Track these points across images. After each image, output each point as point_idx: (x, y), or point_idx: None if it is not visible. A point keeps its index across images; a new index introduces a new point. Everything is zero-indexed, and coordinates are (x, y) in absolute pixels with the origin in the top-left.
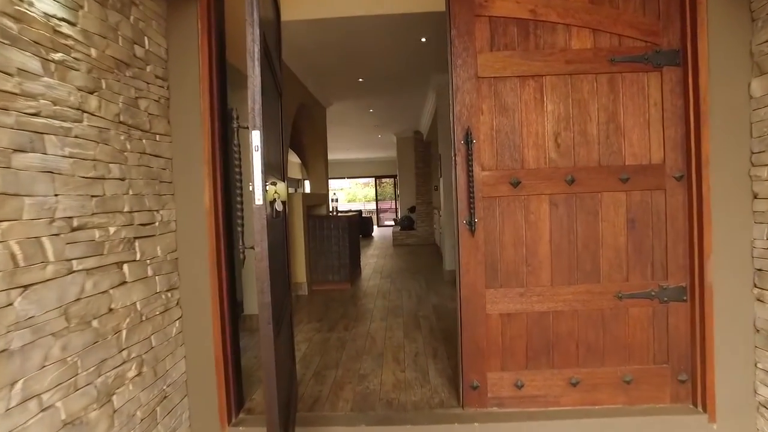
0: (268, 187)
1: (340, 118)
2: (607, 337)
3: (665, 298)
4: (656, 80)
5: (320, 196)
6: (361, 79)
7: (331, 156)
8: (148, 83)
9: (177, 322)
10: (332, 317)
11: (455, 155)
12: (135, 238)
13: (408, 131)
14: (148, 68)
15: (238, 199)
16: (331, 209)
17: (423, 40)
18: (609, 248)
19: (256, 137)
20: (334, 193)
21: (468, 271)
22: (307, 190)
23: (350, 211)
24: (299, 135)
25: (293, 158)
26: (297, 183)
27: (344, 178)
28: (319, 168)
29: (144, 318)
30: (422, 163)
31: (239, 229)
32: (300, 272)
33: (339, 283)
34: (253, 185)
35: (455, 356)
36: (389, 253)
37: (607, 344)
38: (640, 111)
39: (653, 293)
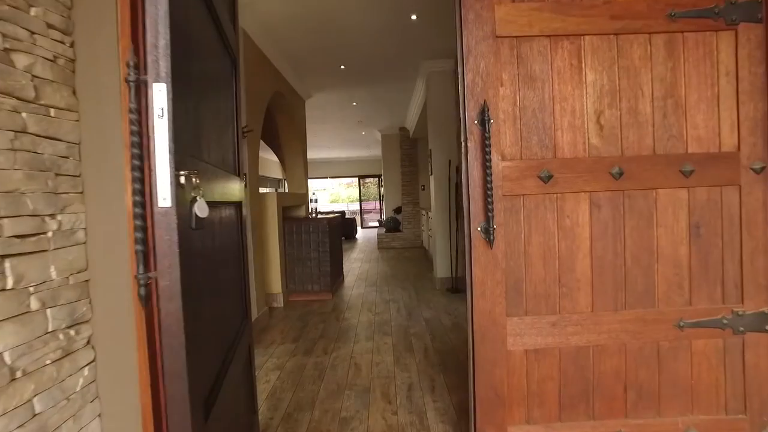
0: (183, 180)
1: (322, 112)
2: (663, 378)
3: (741, 328)
4: (729, 41)
5: (299, 197)
6: (343, 66)
7: (313, 155)
8: (32, 32)
9: (86, 368)
10: (310, 336)
11: (466, 141)
12: (4, 256)
13: (393, 127)
14: (33, 11)
15: (136, 199)
16: (310, 211)
17: (413, 17)
18: (667, 263)
19: (159, 95)
20: (314, 193)
21: (483, 294)
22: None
23: (332, 212)
24: (275, 129)
25: (271, 156)
26: (278, 183)
27: (327, 177)
28: (298, 166)
29: (20, 374)
30: (408, 162)
31: (139, 248)
32: (275, 282)
33: (319, 293)
34: (154, 175)
35: (458, 389)
36: (374, 257)
37: (664, 387)
38: (707, 82)
39: (725, 321)
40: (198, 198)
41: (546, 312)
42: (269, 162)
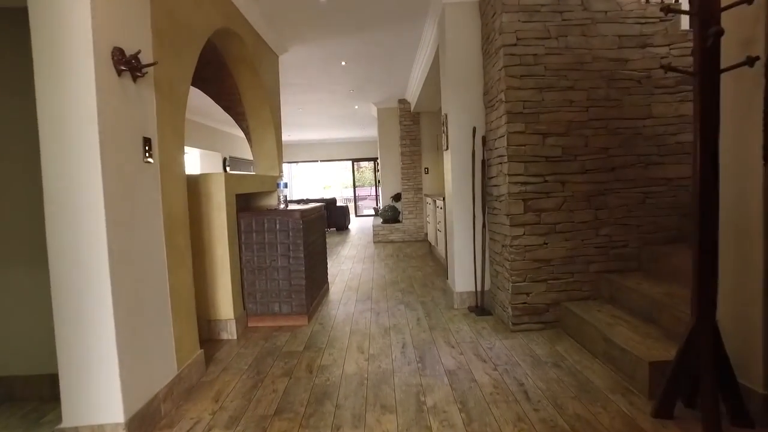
0: None
1: (303, 75)
2: None
3: None
4: None
5: (266, 181)
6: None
7: (301, 135)
8: None
9: None
10: (260, 409)
11: None
12: None
13: (391, 100)
14: None
15: None
16: (280, 200)
17: None
18: None
19: None
20: (280, 175)
21: None
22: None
23: (306, 200)
24: (235, 92)
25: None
26: (251, 165)
27: (317, 161)
28: (268, 140)
29: None
30: (409, 140)
31: None
32: (223, 303)
33: (289, 316)
34: None
35: None
36: (369, 254)
37: None
38: None
39: None
40: None
41: None
42: (238, 139)
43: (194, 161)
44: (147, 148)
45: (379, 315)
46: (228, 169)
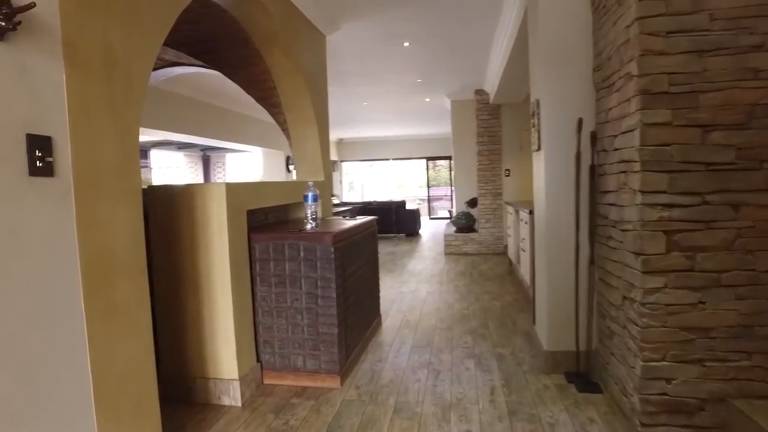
0: None
1: (361, 62)
2: None
3: None
4: None
5: (298, 190)
6: None
7: (371, 132)
8: None
9: None
10: None
11: None
12: None
13: (466, 90)
14: None
15: None
16: (308, 217)
17: None
18: None
19: None
20: (312, 184)
21: None
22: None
23: (373, 205)
24: (266, 80)
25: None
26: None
27: (388, 159)
28: (311, 142)
29: None
30: (487, 137)
31: None
32: (225, 358)
33: (317, 375)
34: None
35: None
36: (438, 270)
37: None
38: None
39: None
40: None
41: None
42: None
43: (256, 161)
44: (39, 153)
45: (439, 377)
46: (292, 168)
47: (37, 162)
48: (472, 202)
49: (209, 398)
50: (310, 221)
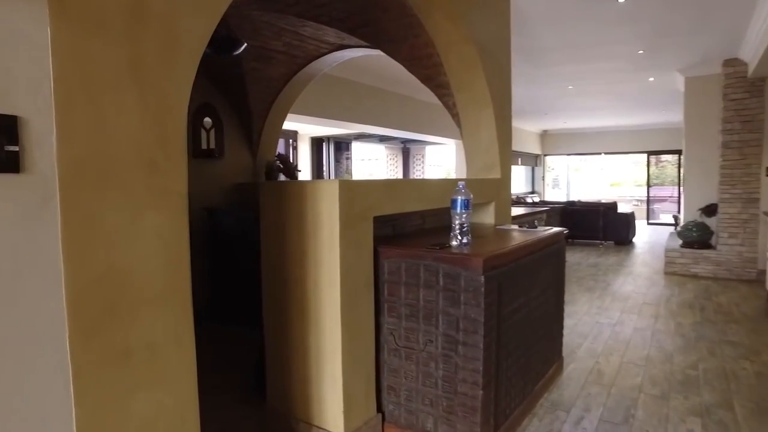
0: None
1: (560, 33)
2: None
3: None
4: None
5: (448, 190)
6: None
7: (579, 122)
8: None
9: None
10: None
11: None
12: None
13: (710, 62)
14: None
15: None
16: (455, 230)
17: None
18: None
19: None
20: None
21: None
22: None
23: (578, 205)
24: (429, 54)
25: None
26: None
27: (600, 154)
28: (486, 130)
29: None
30: (739, 123)
31: None
32: (330, 403)
33: None
34: None
35: None
36: (652, 297)
37: None
38: None
39: None
40: None
41: None
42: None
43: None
44: None
45: None
46: None
47: None
48: (709, 210)
49: None
50: (458, 236)
